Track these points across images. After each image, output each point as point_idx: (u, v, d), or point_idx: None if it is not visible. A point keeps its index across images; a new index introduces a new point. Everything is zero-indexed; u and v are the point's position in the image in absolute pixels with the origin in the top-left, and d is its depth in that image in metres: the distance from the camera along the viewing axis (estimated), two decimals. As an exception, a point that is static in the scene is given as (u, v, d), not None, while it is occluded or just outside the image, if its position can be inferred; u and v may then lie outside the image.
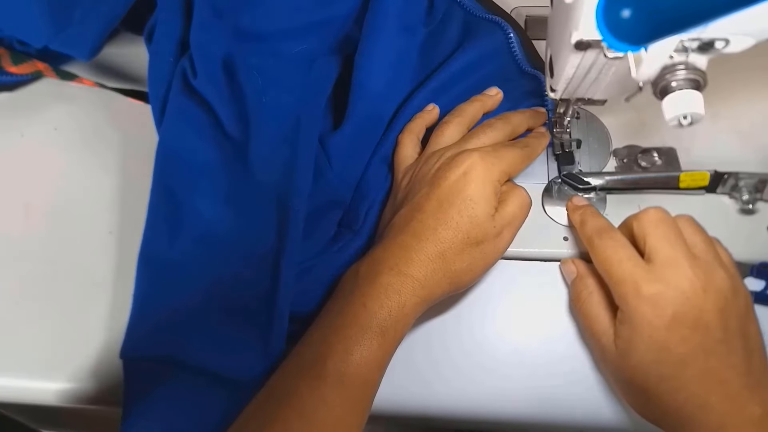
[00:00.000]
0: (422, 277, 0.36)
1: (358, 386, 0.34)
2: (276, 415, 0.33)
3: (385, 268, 0.36)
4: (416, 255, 0.37)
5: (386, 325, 0.35)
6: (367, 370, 0.34)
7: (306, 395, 0.33)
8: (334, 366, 0.34)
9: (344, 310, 0.36)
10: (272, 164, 0.43)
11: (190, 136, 0.44)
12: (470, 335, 0.43)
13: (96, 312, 0.46)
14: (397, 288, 0.36)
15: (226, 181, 0.44)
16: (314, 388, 0.33)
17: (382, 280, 0.36)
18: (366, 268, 0.38)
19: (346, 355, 0.34)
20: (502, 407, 0.41)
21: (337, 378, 0.33)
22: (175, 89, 0.45)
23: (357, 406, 0.35)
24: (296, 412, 0.33)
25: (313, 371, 0.34)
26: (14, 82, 0.54)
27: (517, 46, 0.49)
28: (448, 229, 0.37)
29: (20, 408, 0.49)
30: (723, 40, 0.29)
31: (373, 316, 0.35)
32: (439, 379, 0.42)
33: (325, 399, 0.33)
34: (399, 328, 0.36)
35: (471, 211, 0.38)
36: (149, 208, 0.43)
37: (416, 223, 0.38)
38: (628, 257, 0.36)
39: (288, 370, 0.36)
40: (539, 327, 0.43)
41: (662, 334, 0.34)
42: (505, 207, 0.39)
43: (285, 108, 0.44)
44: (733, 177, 0.44)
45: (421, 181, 0.40)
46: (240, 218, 0.43)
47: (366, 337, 0.34)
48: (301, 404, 0.33)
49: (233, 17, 0.46)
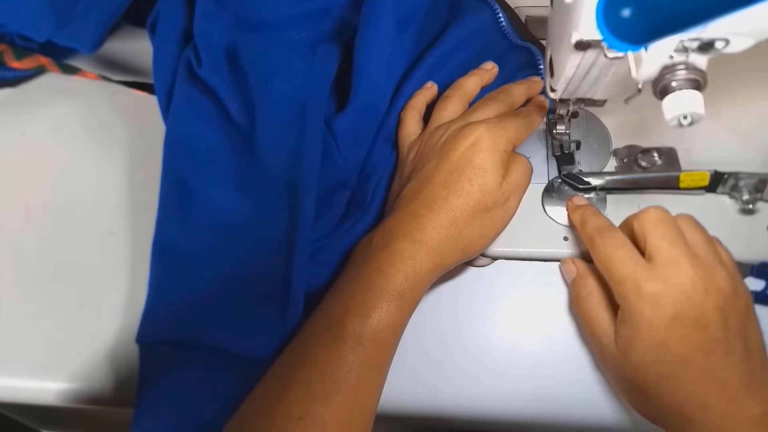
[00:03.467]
0: (436, 244, 0.37)
1: (376, 348, 0.35)
2: (297, 376, 0.34)
3: (398, 235, 0.37)
4: (429, 223, 0.38)
5: (403, 290, 0.36)
6: (385, 332, 0.35)
7: (326, 356, 0.34)
8: (353, 328, 0.34)
9: (360, 276, 0.37)
10: (280, 149, 0.44)
11: (197, 124, 0.45)
12: (470, 335, 0.43)
13: (96, 312, 0.46)
14: (411, 254, 0.37)
15: (235, 167, 0.45)
16: (334, 349, 0.34)
17: (396, 247, 0.37)
18: (379, 237, 0.38)
19: (364, 317, 0.35)
20: (502, 407, 0.41)
21: (356, 339, 0.34)
22: (181, 79, 0.45)
23: (376, 368, 0.35)
24: (317, 372, 0.33)
25: (333, 333, 0.34)
26: (17, 77, 0.54)
27: (505, 22, 0.51)
28: (459, 197, 0.38)
29: (20, 408, 0.49)
30: (723, 40, 0.29)
31: (390, 280, 0.36)
32: (439, 379, 0.42)
33: (346, 360, 0.34)
34: (415, 293, 0.37)
35: (481, 180, 0.39)
36: (160, 197, 0.44)
37: (427, 193, 0.39)
38: (628, 256, 0.36)
39: (307, 333, 0.36)
40: (539, 327, 0.43)
41: (662, 333, 0.34)
42: (511, 174, 0.41)
43: (290, 94, 0.45)
44: (733, 177, 0.43)
45: (429, 153, 0.41)
46: (251, 204, 0.44)
47: (384, 300, 0.35)
48: (321, 365, 0.34)
49: (235, 7, 0.47)
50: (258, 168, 0.45)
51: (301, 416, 0.32)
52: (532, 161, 0.47)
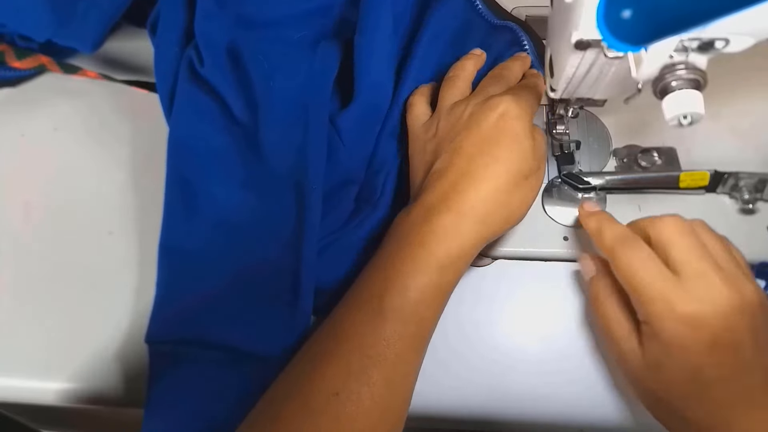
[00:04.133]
0: (482, 215, 0.37)
1: (415, 324, 0.34)
2: (334, 351, 0.34)
3: (442, 209, 0.37)
4: (473, 194, 0.37)
5: (445, 264, 0.35)
6: (425, 308, 0.35)
7: (364, 331, 0.33)
8: (391, 303, 0.34)
9: (401, 251, 0.36)
10: (285, 147, 0.44)
11: (200, 123, 0.45)
12: (470, 335, 0.43)
13: (96, 312, 0.46)
14: (455, 227, 0.36)
15: (239, 166, 0.45)
16: (372, 324, 0.33)
17: (440, 222, 0.36)
18: (417, 212, 0.38)
19: (404, 292, 0.34)
20: (502, 407, 0.41)
21: (396, 315, 0.34)
22: (183, 78, 0.46)
23: (415, 344, 0.35)
24: (355, 347, 0.33)
25: (371, 308, 0.34)
26: (18, 77, 0.54)
27: (480, 4, 0.51)
28: (501, 165, 0.38)
29: (20, 408, 0.49)
30: (723, 39, 0.29)
31: (432, 255, 0.35)
32: (439, 378, 0.42)
33: (384, 335, 0.33)
34: (458, 267, 0.36)
35: (520, 147, 0.39)
36: (165, 197, 0.44)
37: (464, 164, 0.38)
38: (656, 272, 0.34)
39: (345, 308, 0.36)
40: (539, 327, 0.43)
41: (698, 358, 0.33)
42: (537, 142, 0.41)
43: (293, 92, 0.45)
44: (733, 177, 0.43)
45: (453, 129, 0.41)
46: (257, 201, 0.44)
47: (425, 275, 0.35)
48: (359, 340, 0.33)
49: (235, 5, 0.47)
50: (263, 166, 0.45)
51: (337, 392, 0.32)
52: (532, 161, 0.47)
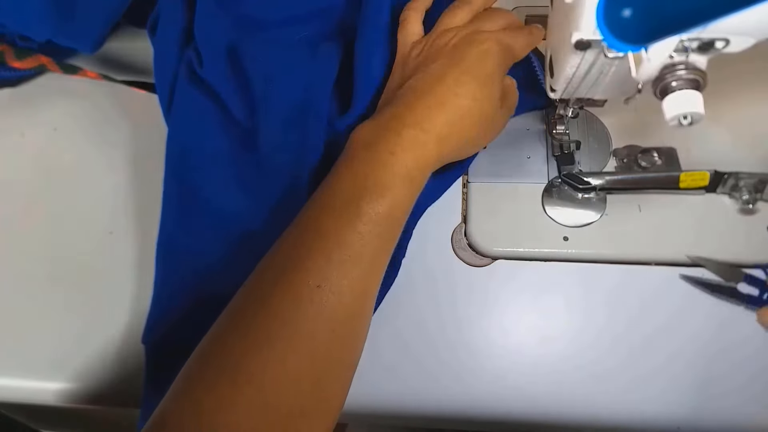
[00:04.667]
0: (443, 137, 0.39)
1: (389, 225, 0.37)
2: (316, 246, 0.35)
3: (410, 123, 0.39)
4: (440, 117, 0.39)
5: (413, 174, 0.38)
6: (397, 211, 0.37)
7: (344, 231, 0.36)
8: (368, 206, 0.36)
9: (373, 158, 0.38)
10: (283, 150, 0.44)
11: (199, 125, 0.45)
12: (470, 335, 0.43)
13: (96, 312, 0.46)
14: (422, 142, 0.38)
15: (237, 168, 0.45)
16: (351, 225, 0.36)
17: (409, 134, 0.38)
18: (386, 120, 0.39)
19: (380, 197, 0.37)
20: (501, 407, 0.41)
21: (372, 217, 0.36)
22: (182, 79, 0.45)
23: (388, 245, 0.38)
24: (336, 245, 0.35)
25: (349, 210, 0.36)
26: (18, 77, 0.54)
27: None
28: (470, 100, 0.40)
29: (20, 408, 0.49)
30: (723, 40, 0.29)
31: (403, 164, 0.38)
32: (439, 379, 0.42)
33: (362, 235, 0.36)
34: (420, 179, 0.39)
35: (490, 88, 0.41)
36: (164, 198, 0.44)
37: (439, 89, 0.40)
38: None
39: (321, 210, 0.37)
40: (539, 327, 0.43)
41: None
42: (508, 94, 0.43)
43: (291, 94, 0.45)
44: (733, 177, 0.43)
45: (438, 53, 0.42)
46: (255, 203, 0.44)
47: (397, 181, 0.37)
48: (340, 238, 0.35)
49: (236, 6, 0.47)
50: (261, 168, 0.45)
51: (319, 284, 0.34)
52: (532, 161, 0.47)
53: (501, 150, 0.48)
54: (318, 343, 0.33)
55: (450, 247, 0.46)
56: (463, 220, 0.46)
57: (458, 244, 0.46)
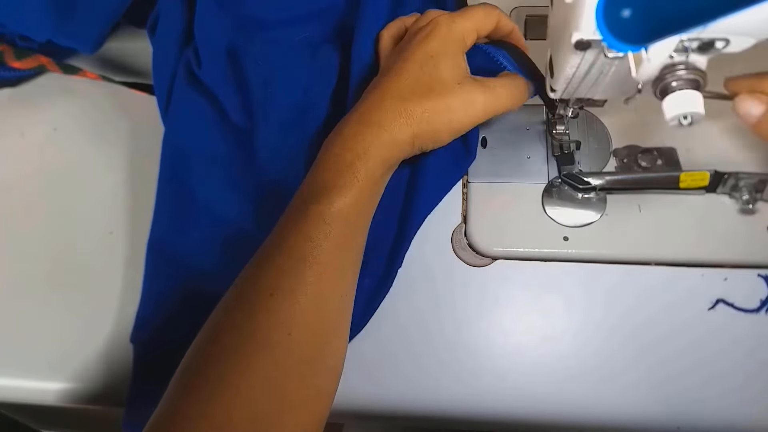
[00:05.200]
0: (382, 122, 0.38)
1: (339, 225, 0.36)
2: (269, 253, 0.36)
3: (350, 122, 0.39)
4: (377, 104, 0.39)
5: (356, 168, 0.37)
6: (347, 210, 0.37)
7: (293, 235, 0.36)
8: (314, 207, 0.36)
9: (319, 161, 0.39)
10: (280, 154, 0.44)
11: (196, 127, 0.45)
12: (470, 335, 0.43)
13: (96, 312, 0.46)
14: (360, 132, 0.38)
15: (232, 170, 0.45)
16: (299, 228, 0.36)
17: (346, 130, 0.39)
18: (338, 125, 0.40)
19: (324, 196, 0.37)
20: (501, 407, 0.41)
21: (319, 217, 0.36)
22: (180, 80, 0.45)
23: (343, 245, 0.37)
24: (286, 250, 0.36)
25: (297, 214, 0.37)
26: (17, 77, 0.54)
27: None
28: (409, 80, 0.39)
29: (20, 408, 0.49)
30: (723, 40, 0.29)
31: (342, 160, 0.38)
32: (439, 379, 0.42)
33: (311, 237, 0.36)
34: (370, 172, 0.38)
35: (434, 67, 0.40)
36: (157, 198, 0.44)
37: (381, 82, 0.40)
38: None
39: (279, 220, 0.38)
40: (539, 327, 0.43)
41: None
42: (491, 81, 0.41)
43: (290, 97, 0.45)
44: (734, 177, 0.43)
45: (395, 53, 0.43)
46: (249, 207, 0.44)
47: (340, 178, 0.37)
48: (290, 244, 0.36)
49: (236, 7, 0.47)
50: (257, 171, 0.44)
51: (271, 292, 0.34)
52: (532, 161, 0.47)
53: (501, 150, 0.48)
54: (277, 348, 0.33)
55: (450, 247, 0.46)
56: (463, 220, 0.46)
57: (458, 244, 0.46)
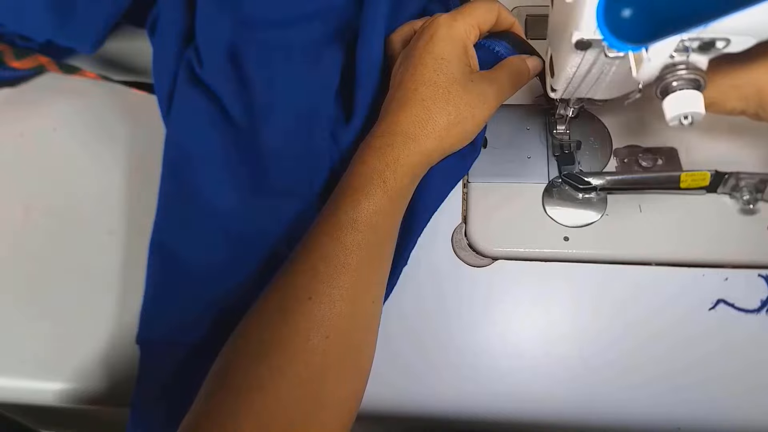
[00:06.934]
0: (409, 131, 0.39)
1: (370, 231, 0.38)
2: (303, 263, 0.37)
3: (377, 133, 0.40)
4: (402, 115, 0.40)
5: (386, 176, 0.39)
6: (376, 216, 0.38)
7: (326, 243, 0.37)
8: (346, 214, 0.38)
9: (350, 172, 0.40)
10: (283, 153, 0.44)
11: (198, 127, 0.45)
12: (470, 335, 0.43)
13: (96, 312, 0.46)
14: (389, 143, 0.39)
15: (234, 171, 0.45)
16: (333, 235, 0.37)
17: (375, 143, 0.40)
18: (365, 139, 0.41)
19: (355, 203, 0.38)
20: (501, 407, 0.41)
21: (351, 224, 0.37)
22: (182, 80, 0.45)
23: (374, 250, 0.38)
24: (320, 257, 0.37)
25: (330, 222, 0.38)
26: (17, 77, 0.54)
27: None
28: (427, 87, 0.40)
29: (20, 408, 0.49)
30: (723, 39, 0.29)
31: (372, 168, 0.39)
32: (439, 379, 0.42)
33: (344, 244, 0.37)
34: (398, 179, 0.39)
35: (446, 69, 0.40)
36: (159, 198, 0.44)
37: (399, 92, 0.41)
38: None
39: (312, 227, 0.39)
40: (539, 327, 0.43)
41: None
42: (492, 72, 0.42)
43: (293, 97, 0.45)
44: (734, 177, 0.43)
45: (407, 61, 0.42)
46: (252, 208, 0.44)
47: (370, 186, 0.38)
48: (323, 251, 0.37)
49: (237, 6, 0.46)
50: (260, 172, 0.44)
51: (309, 296, 0.36)
52: (533, 161, 0.47)
53: (501, 150, 0.48)
54: (314, 351, 0.35)
55: (450, 247, 0.46)
56: (463, 220, 0.46)
57: (458, 244, 0.46)
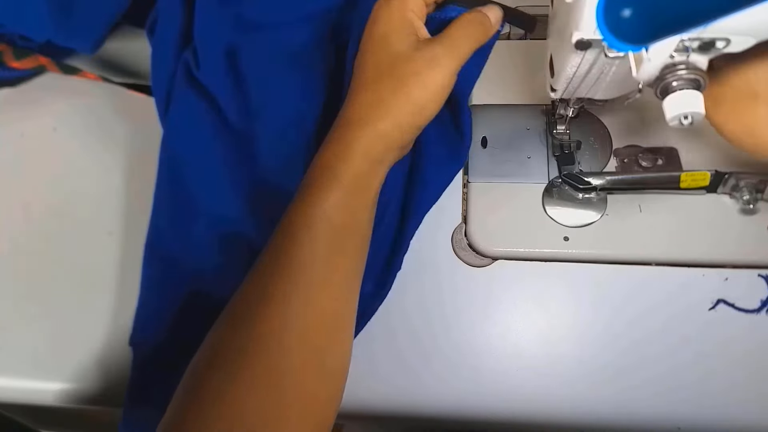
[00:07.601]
0: (362, 117, 0.38)
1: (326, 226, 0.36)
2: (263, 264, 0.37)
3: (334, 126, 0.39)
4: (353, 102, 0.39)
5: (337, 168, 0.37)
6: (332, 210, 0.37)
7: (281, 242, 0.37)
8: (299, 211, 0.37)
9: (309, 168, 0.39)
10: (279, 155, 0.44)
11: (194, 128, 0.45)
12: (470, 335, 0.43)
13: (96, 312, 0.46)
14: (341, 133, 0.38)
15: (230, 172, 0.45)
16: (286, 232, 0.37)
17: (330, 136, 0.39)
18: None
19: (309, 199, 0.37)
20: (501, 407, 0.41)
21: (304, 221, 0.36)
22: (179, 82, 0.45)
23: (332, 247, 0.37)
24: (276, 257, 0.36)
25: (287, 219, 0.37)
26: (16, 77, 0.54)
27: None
28: (372, 68, 0.39)
29: (20, 408, 0.49)
30: (723, 39, 0.29)
31: (325, 163, 0.37)
32: (439, 379, 0.42)
33: (299, 241, 0.36)
34: (353, 167, 0.37)
35: (386, 47, 0.39)
36: (155, 200, 0.44)
37: (351, 84, 0.40)
38: None
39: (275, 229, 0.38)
40: (539, 327, 0.43)
41: None
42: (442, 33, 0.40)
43: (289, 99, 0.45)
44: (734, 177, 0.43)
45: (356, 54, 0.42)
46: (246, 208, 0.44)
47: (322, 180, 0.37)
48: (278, 250, 0.36)
49: (235, 8, 0.46)
50: (255, 174, 0.44)
51: (265, 299, 0.35)
52: (533, 161, 0.47)
53: (501, 150, 0.48)
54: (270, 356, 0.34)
55: (450, 247, 0.46)
56: (463, 220, 0.46)
57: (458, 244, 0.46)
